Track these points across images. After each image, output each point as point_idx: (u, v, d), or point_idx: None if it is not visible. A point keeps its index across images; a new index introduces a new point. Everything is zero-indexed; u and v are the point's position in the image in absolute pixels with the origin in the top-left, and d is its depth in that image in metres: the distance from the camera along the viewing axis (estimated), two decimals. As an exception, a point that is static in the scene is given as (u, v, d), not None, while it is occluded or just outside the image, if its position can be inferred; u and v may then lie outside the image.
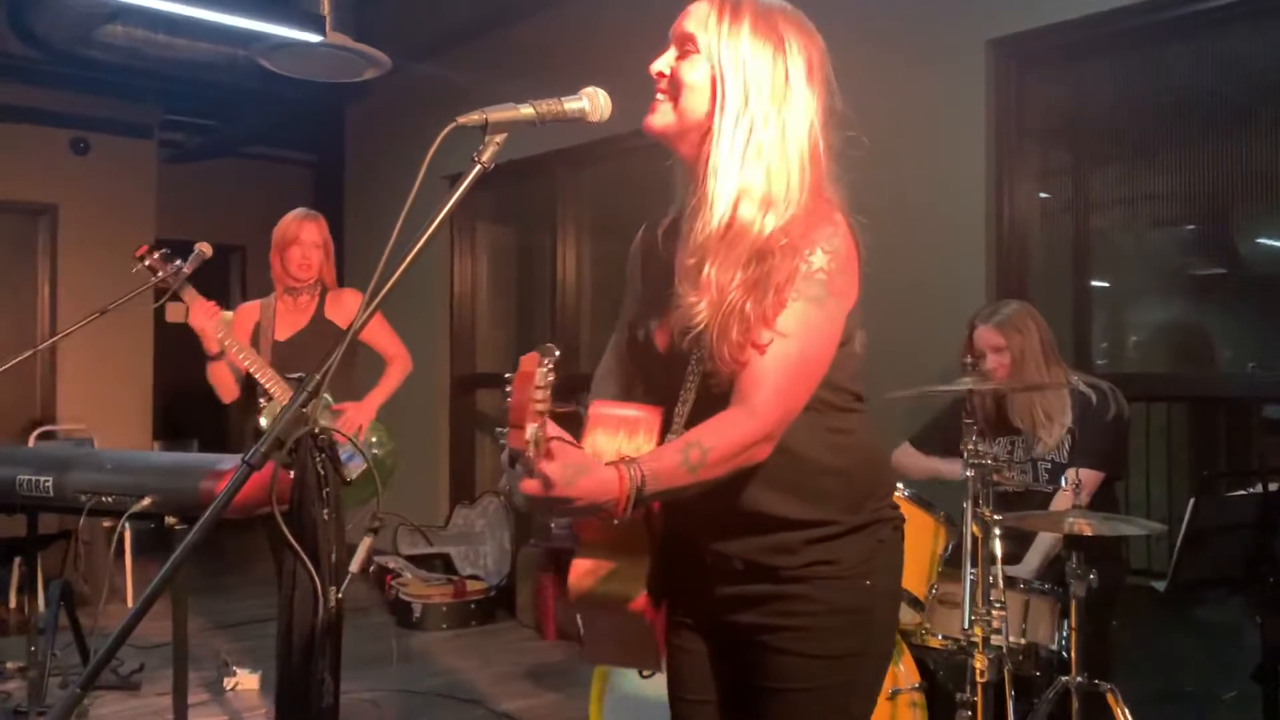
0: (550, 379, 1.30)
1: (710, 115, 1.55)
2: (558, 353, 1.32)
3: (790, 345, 1.48)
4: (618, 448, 1.58)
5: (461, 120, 1.50)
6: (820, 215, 1.54)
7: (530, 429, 1.28)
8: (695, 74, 1.56)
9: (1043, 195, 4.04)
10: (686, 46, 1.59)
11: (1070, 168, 4.12)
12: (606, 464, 1.39)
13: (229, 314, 3.85)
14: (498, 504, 6.02)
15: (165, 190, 7.54)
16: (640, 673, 1.94)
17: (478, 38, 5.98)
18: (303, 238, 3.81)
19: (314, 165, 8.45)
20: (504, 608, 5.61)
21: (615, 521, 1.42)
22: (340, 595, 1.95)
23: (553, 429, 1.41)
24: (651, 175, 1.67)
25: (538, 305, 6.58)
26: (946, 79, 3.89)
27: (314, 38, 4.96)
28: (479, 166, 1.52)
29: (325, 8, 5.02)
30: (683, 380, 1.58)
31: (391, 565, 5.91)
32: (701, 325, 1.51)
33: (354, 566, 1.94)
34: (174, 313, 9.45)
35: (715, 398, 1.53)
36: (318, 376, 1.38)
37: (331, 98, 6.90)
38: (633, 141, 1.58)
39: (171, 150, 7.93)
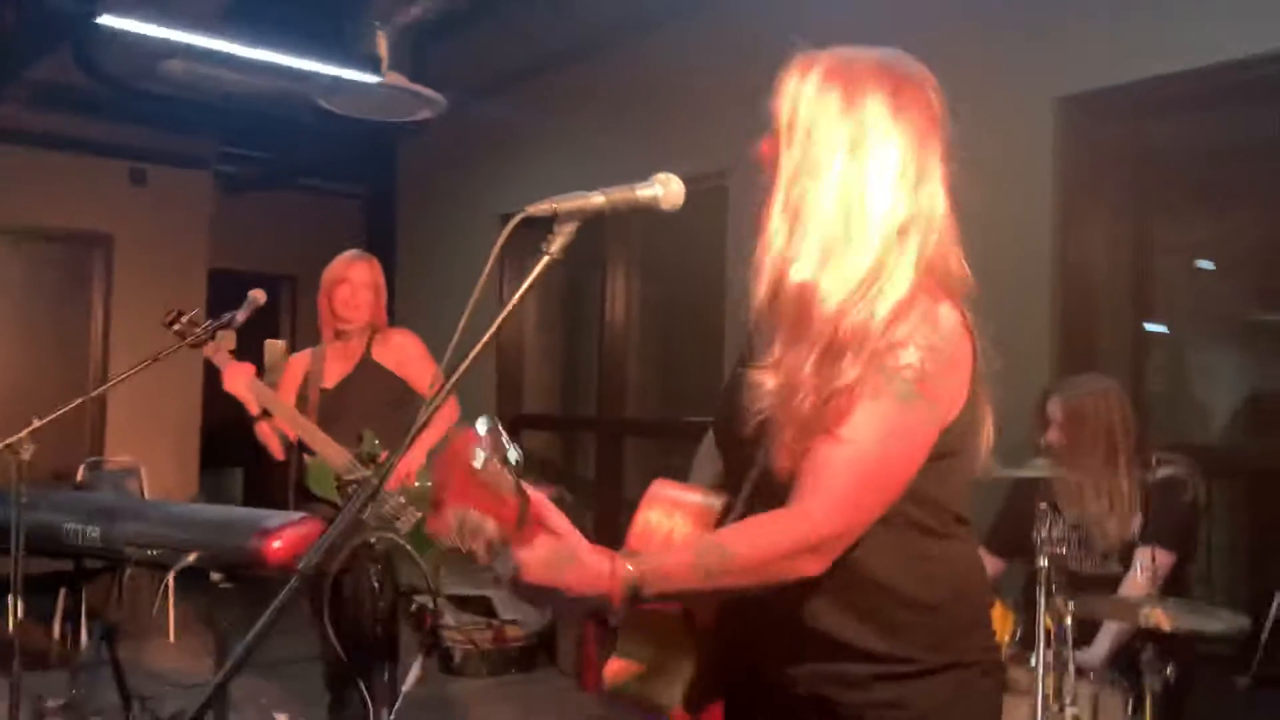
0: (491, 463, 1.24)
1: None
2: (501, 430, 1.26)
3: (864, 448, 1.29)
4: (670, 530, 1.50)
5: (531, 210, 1.44)
6: (919, 303, 1.34)
7: (458, 513, 1.21)
8: (771, 145, 1.44)
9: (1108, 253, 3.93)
10: (773, 120, 1.44)
11: (1136, 230, 4.01)
12: (599, 555, 1.27)
13: (280, 343, 3.80)
14: (540, 547, 5.94)
15: (218, 220, 7.61)
16: None
17: (530, 79, 5.97)
18: (351, 276, 3.68)
19: (366, 198, 8.50)
20: (545, 654, 5.52)
21: (611, 621, 1.30)
22: (393, 718, 1.88)
23: (550, 513, 1.35)
24: (703, 216, 1.60)
25: (584, 345, 6.53)
26: (1012, 135, 3.80)
27: (371, 79, 4.98)
28: (547, 258, 1.45)
29: (382, 49, 5.03)
30: (750, 467, 1.44)
31: (432, 606, 5.85)
32: (765, 410, 1.37)
33: (406, 687, 1.88)
34: (209, 349, 9.53)
35: (773, 492, 1.36)
36: (375, 481, 1.32)
37: (385, 134, 6.93)
38: (684, 183, 1.49)
39: (225, 181, 8.01)
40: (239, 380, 3.43)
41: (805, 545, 1.28)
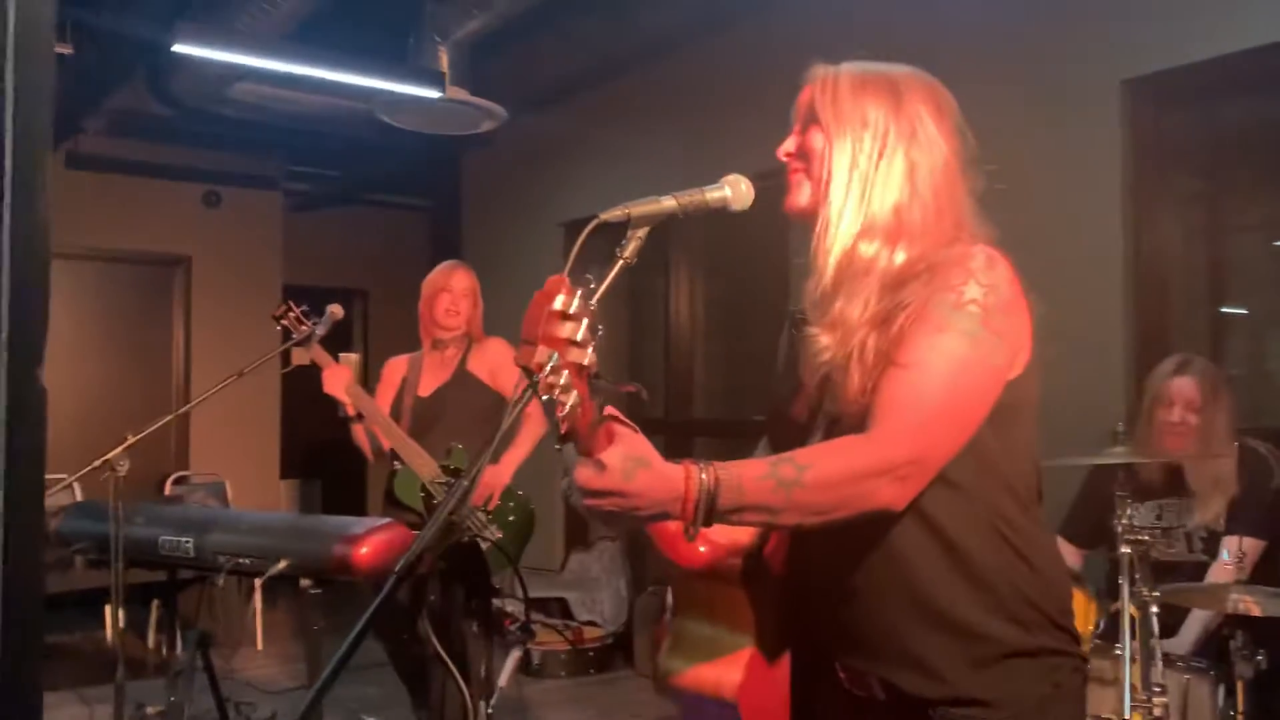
0: (579, 308, 1.16)
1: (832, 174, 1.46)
2: (593, 284, 1.20)
3: (932, 377, 1.28)
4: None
5: (604, 216, 1.46)
6: (976, 249, 1.37)
7: (545, 351, 1.13)
8: (819, 140, 1.48)
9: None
10: (808, 117, 1.50)
11: (1210, 212, 3.94)
12: (671, 464, 1.19)
13: (353, 356, 3.85)
14: (614, 549, 5.99)
15: (289, 238, 7.79)
16: None
17: (590, 88, 6.03)
18: (452, 285, 3.75)
19: (432, 211, 8.64)
20: (621, 656, 5.57)
21: (688, 536, 1.17)
22: (491, 711, 1.93)
23: (622, 420, 1.27)
24: (765, 215, 1.60)
25: (650, 347, 6.57)
26: (1080, 120, 3.76)
27: (433, 94, 5.06)
28: (621, 262, 1.48)
29: (444, 64, 5.11)
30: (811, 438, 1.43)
31: (510, 609, 5.92)
32: (829, 365, 1.37)
33: (503, 681, 1.92)
34: (298, 356, 9.78)
35: None
36: (465, 483, 1.36)
37: (448, 147, 7.04)
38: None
39: (295, 199, 8.19)
40: (338, 381, 3.49)
41: (880, 467, 1.24)
